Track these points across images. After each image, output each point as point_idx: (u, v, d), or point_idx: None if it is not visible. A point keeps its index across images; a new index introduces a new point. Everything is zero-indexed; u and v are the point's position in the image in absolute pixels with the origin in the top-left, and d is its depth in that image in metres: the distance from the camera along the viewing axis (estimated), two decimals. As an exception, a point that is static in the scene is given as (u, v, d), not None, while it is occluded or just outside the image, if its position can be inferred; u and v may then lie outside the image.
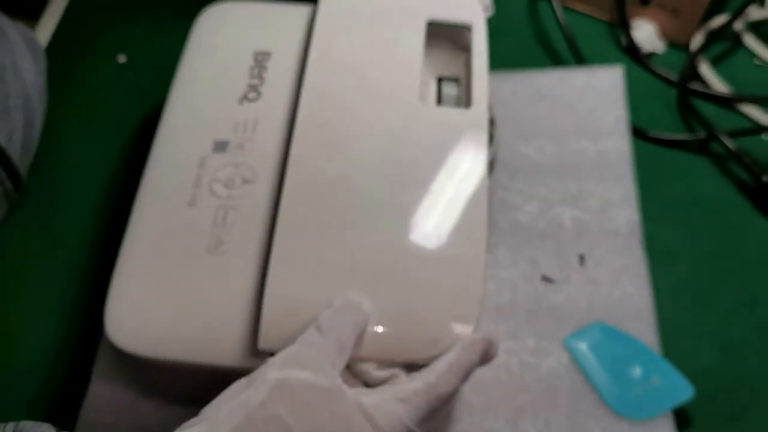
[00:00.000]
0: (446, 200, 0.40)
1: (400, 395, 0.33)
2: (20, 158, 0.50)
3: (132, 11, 0.62)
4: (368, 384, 0.36)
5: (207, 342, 0.38)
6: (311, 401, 0.31)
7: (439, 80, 0.47)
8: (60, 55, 0.58)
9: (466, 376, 0.35)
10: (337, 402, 0.32)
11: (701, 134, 0.55)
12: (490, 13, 0.49)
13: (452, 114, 0.43)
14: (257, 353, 0.37)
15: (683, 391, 0.43)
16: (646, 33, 0.60)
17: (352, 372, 0.36)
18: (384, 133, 0.42)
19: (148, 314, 0.38)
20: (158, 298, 0.38)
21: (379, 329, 0.37)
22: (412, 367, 0.36)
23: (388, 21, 0.47)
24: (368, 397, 0.33)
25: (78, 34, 0.61)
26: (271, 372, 0.32)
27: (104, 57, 0.59)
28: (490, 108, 0.47)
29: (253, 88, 0.44)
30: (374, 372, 0.36)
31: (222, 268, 0.39)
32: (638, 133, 0.56)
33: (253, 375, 0.33)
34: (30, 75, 0.53)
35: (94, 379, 0.44)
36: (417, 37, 0.46)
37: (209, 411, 0.32)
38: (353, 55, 0.45)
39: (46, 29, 0.61)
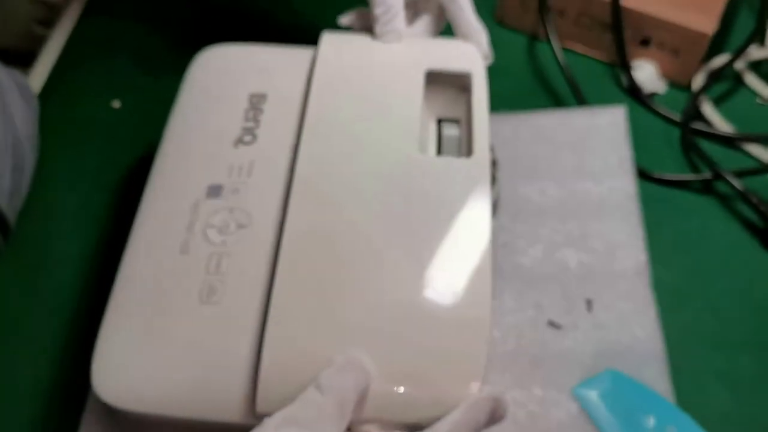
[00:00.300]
0: (449, 255, 0.38)
1: None
2: (8, 204, 0.49)
3: (127, 57, 0.61)
4: None
5: (199, 396, 0.36)
6: None
7: (439, 121, 0.46)
8: (53, 101, 0.58)
9: None
10: None
11: (707, 174, 0.54)
12: (490, 61, 0.49)
13: (453, 164, 0.42)
14: (254, 408, 0.35)
15: (700, 441, 0.41)
16: (646, 73, 0.59)
17: None
18: (384, 186, 0.41)
19: (137, 367, 0.36)
20: (147, 350, 0.37)
21: (381, 389, 0.35)
22: (415, 428, 0.34)
23: (387, 72, 0.46)
24: None
25: (72, 80, 0.60)
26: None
27: (98, 103, 0.58)
28: (492, 149, 0.46)
29: (249, 131, 0.43)
30: None
31: (215, 318, 0.37)
32: (641, 174, 0.55)
33: None
34: (21, 120, 0.52)
35: (81, 436, 0.42)
36: (416, 87, 0.45)
37: None
38: (352, 108, 0.44)
39: (39, 75, 0.60)
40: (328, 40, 0.47)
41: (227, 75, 0.47)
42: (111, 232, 0.51)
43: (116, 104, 0.58)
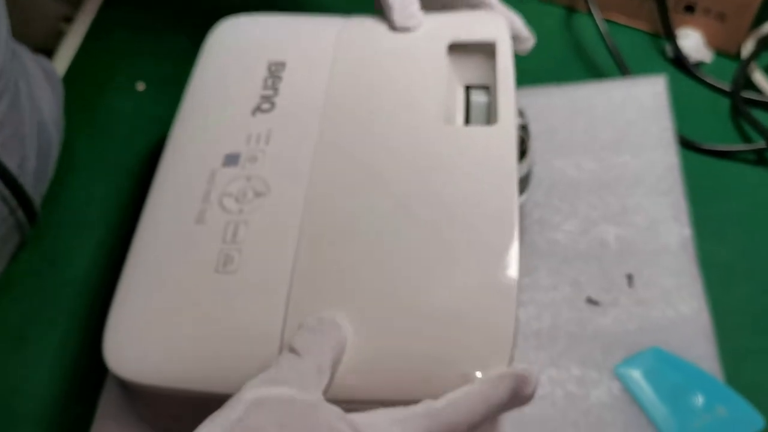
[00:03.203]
0: (475, 229, 0.36)
1: (395, 416, 0.30)
2: (34, 188, 0.48)
3: (151, 39, 0.61)
4: None
5: (214, 368, 0.34)
6: (293, 412, 0.29)
7: (468, 88, 0.44)
8: (78, 85, 0.57)
9: (487, 412, 0.31)
10: (322, 412, 0.29)
11: (760, 143, 0.51)
12: (533, 42, 0.47)
13: (477, 132, 0.40)
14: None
15: (752, 421, 0.38)
16: (692, 42, 0.56)
17: None
18: (407, 157, 0.39)
19: (150, 338, 0.35)
20: (161, 321, 0.36)
21: (403, 368, 0.33)
22: None
23: (410, 44, 0.45)
24: (358, 415, 0.30)
25: (96, 64, 0.59)
26: (247, 392, 0.29)
27: (122, 85, 0.58)
28: (522, 114, 0.44)
29: (267, 98, 0.42)
30: None
31: (230, 287, 0.36)
32: (689, 146, 0.52)
33: (228, 401, 0.30)
34: (47, 104, 0.52)
35: (97, 418, 0.40)
36: (439, 59, 0.43)
37: None
38: (374, 80, 0.43)
39: (63, 59, 0.60)
40: (352, 17, 0.46)
41: (246, 44, 0.46)
42: (134, 215, 0.50)
43: (141, 86, 0.57)
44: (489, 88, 0.44)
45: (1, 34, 0.44)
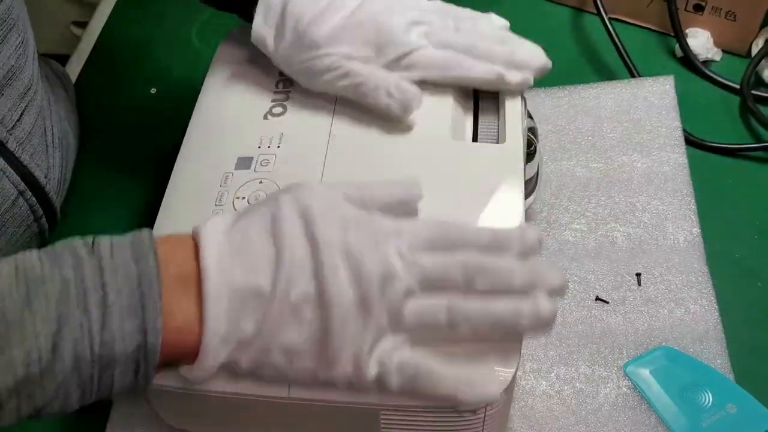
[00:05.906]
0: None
1: None
2: (57, 197, 0.49)
3: (163, 43, 0.62)
4: None
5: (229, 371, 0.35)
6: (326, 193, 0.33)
7: (476, 92, 0.45)
8: (91, 89, 0.58)
9: (494, 242, 0.33)
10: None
11: (769, 141, 0.51)
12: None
13: (486, 151, 0.41)
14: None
15: (762, 419, 0.38)
16: (701, 40, 0.56)
17: None
18: (416, 169, 0.39)
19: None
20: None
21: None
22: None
23: None
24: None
25: (109, 68, 0.60)
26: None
27: (135, 89, 0.58)
28: (530, 115, 0.45)
29: (279, 102, 0.43)
30: None
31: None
32: (699, 145, 0.52)
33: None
34: (64, 111, 0.53)
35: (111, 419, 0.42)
36: None
37: None
38: None
39: (76, 64, 0.60)
40: None
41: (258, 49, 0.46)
42: (148, 218, 0.51)
43: (153, 90, 0.58)
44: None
45: (30, 50, 0.45)
